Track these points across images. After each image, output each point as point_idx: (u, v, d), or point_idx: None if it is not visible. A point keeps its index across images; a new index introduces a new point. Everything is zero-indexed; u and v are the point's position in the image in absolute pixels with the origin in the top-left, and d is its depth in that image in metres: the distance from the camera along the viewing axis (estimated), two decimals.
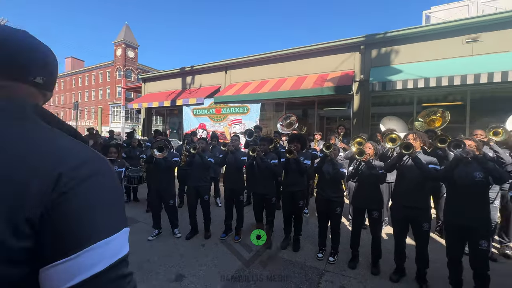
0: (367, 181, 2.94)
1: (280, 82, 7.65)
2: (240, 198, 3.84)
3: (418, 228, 2.65)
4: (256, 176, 3.63)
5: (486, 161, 2.26)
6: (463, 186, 2.34)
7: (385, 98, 6.99)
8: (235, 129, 7.56)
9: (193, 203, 3.92)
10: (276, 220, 3.86)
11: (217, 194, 5.60)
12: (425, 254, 2.64)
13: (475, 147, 2.38)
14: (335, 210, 3.15)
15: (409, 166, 2.70)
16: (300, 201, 3.46)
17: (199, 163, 3.82)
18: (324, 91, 6.39)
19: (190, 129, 8.26)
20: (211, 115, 8.12)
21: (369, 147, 3.03)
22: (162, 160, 3.68)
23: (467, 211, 2.30)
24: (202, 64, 9.55)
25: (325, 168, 3.17)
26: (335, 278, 2.83)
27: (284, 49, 7.83)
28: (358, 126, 6.74)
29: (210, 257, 3.29)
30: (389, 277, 2.79)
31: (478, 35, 5.61)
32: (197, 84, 9.73)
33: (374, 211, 2.92)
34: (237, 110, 7.65)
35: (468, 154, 2.24)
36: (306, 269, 3.01)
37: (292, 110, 8.25)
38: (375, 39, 6.54)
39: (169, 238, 3.85)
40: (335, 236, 3.21)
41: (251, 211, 4.60)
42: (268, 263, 3.14)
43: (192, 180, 3.92)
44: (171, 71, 10.47)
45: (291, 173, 3.42)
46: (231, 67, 9.02)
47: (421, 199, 2.66)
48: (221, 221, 4.10)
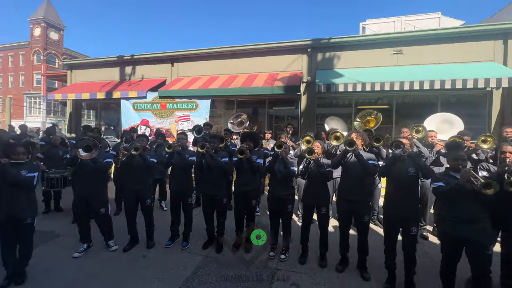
0: (316, 179, 3.03)
1: (231, 78, 7.47)
2: (188, 200, 3.54)
3: (360, 220, 2.85)
4: (206, 176, 3.39)
5: (419, 158, 2.55)
6: (399, 180, 2.61)
7: (328, 100, 7.53)
8: (182, 126, 7.07)
9: (133, 209, 3.44)
10: (227, 221, 3.69)
11: (162, 197, 5.11)
12: (366, 244, 2.86)
13: (409, 145, 2.67)
14: (286, 208, 3.16)
15: (352, 163, 2.88)
16: (253, 201, 3.38)
17: (139, 164, 3.37)
18: (274, 90, 6.49)
19: (131, 125, 7.38)
20: (155, 111, 7.40)
21: (318, 146, 3.13)
22: (90, 161, 3.10)
23: (403, 203, 2.56)
24: (145, 53, 8.64)
25: (276, 167, 3.15)
26: (286, 276, 2.83)
27: (235, 45, 7.68)
28: (306, 125, 7.09)
29: (153, 269, 2.92)
30: (335, 268, 2.94)
31: (402, 49, 6.52)
32: (139, 76, 8.76)
33: (322, 207, 3.04)
34: (185, 106, 7.16)
35: (405, 153, 2.49)
36: (258, 270, 2.94)
37: (243, 108, 8.18)
38: (320, 44, 6.96)
39: (102, 253, 3.29)
40: (286, 233, 3.23)
41: (200, 214, 4.32)
42: (219, 267, 2.96)
43: (131, 183, 3.43)
44: (105, 58, 9.18)
45: (244, 173, 3.30)
46: (179, 60, 8.41)
47: (363, 193, 2.88)
48: (167, 227, 3.72)
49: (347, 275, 2.85)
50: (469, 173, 2.12)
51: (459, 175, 2.21)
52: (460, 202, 2.21)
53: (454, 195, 2.20)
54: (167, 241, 3.52)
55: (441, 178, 2.35)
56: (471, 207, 2.17)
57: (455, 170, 2.32)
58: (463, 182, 2.13)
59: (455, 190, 2.18)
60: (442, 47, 6.30)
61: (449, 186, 2.24)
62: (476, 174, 2.13)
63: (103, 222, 3.36)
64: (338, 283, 2.71)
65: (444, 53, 6.28)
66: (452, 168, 2.37)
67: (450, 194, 2.23)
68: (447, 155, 2.52)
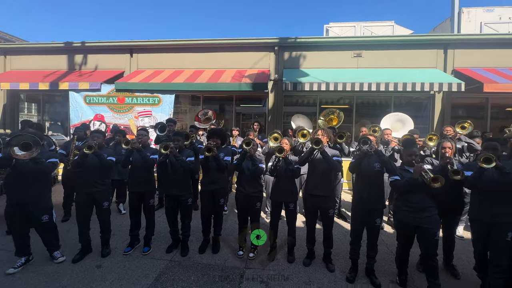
0: (284, 176, 3.05)
1: (197, 73, 7.17)
2: (150, 202, 3.27)
3: (326, 214, 2.95)
4: (170, 176, 3.17)
5: (383, 154, 2.72)
6: (366, 175, 2.75)
7: (294, 98, 7.71)
8: (143, 122, 6.57)
9: (86, 214, 3.07)
10: (192, 222, 3.51)
11: (121, 200, 4.67)
12: (331, 237, 2.98)
13: (375, 142, 2.84)
14: (255, 205, 3.13)
15: (318, 159, 2.96)
16: (221, 199, 3.27)
17: (94, 163, 3.00)
18: (242, 86, 6.41)
19: (82, 120, 6.61)
20: (111, 105, 6.73)
21: (286, 143, 3.15)
22: (30, 162, 2.66)
23: (370, 196, 2.71)
24: (99, 41, 7.80)
25: (245, 165, 3.09)
26: (255, 274, 2.80)
27: (202, 39, 7.37)
28: (273, 123, 7.16)
29: (109, 280, 2.64)
30: (302, 262, 3.00)
31: (361, 52, 6.97)
32: (91, 66, 7.89)
33: (290, 203, 3.07)
34: (146, 100, 6.66)
35: (372, 149, 2.64)
36: (226, 271, 2.86)
37: (209, 104, 7.93)
38: (287, 42, 7.07)
39: (45, 266, 2.86)
40: None
41: (163, 216, 4.06)
42: (185, 271, 2.81)
43: (84, 185, 3.05)
44: (50, 44, 8.06)
45: (211, 171, 3.17)
46: (139, 50, 7.78)
47: (328, 188, 2.98)
48: (125, 232, 3.41)
49: (314, 269, 2.93)
50: (421, 168, 2.35)
51: (413, 169, 2.42)
52: (413, 193, 2.42)
53: (409, 188, 2.41)
54: (125, 248, 3.22)
55: (398, 172, 2.56)
56: (422, 198, 2.41)
57: (409, 165, 2.55)
58: (416, 176, 2.35)
59: (409, 184, 2.39)
60: (395, 53, 6.90)
61: (404, 179, 2.44)
62: (427, 170, 2.35)
63: (46, 231, 2.92)
64: (305, 277, 2.77)
65: (397, 58, 6.89)
66: (407, 163, 2.59)
67: (405, 187, 2.43)
68: (403, 151, 2.74)
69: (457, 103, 7.06)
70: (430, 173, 2.33)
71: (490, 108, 6.98)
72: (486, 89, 5.48)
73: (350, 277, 2.72)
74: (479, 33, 7.84)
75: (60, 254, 2.99)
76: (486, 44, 6.56)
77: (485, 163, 2.21)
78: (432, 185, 2.25)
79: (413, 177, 2.37)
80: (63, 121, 8.45)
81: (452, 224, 2.91)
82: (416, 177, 2.35)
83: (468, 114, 7.34)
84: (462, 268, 2.92)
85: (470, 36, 6.87)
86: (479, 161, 2.25)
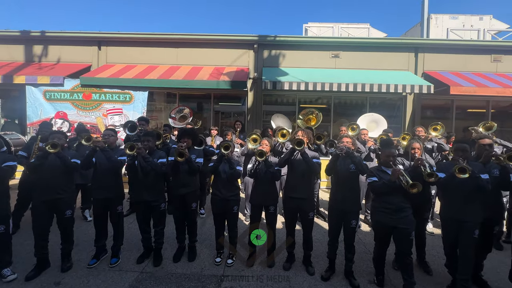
0: (264, 179, 2.95)
1: (172, 69, 6.82)
2: (118, 209, 2.99)
3: (305, 217, 2.90)
4: (140, 180, 2.92)
5: (354, 156, 2.70)
6: (342, 176, 2.73)
7: (274, 97, 7.66)
8: (113, 120, 6.11)
9: (44, 224, 2.72)
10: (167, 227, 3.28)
11: (86, 205, 4.28)
12: (310, 239, 2.93)
13: (351, 143, 2.82)
14: (232, 209, 3.00)
15: (298, 161, 2.90)
16: (193, 204, 3.08)
17: (56, 166, 2.66)
18: (220, 84, 6.20)
19: (41, 118, 5.99)
20: (76, 101, 6.16)
21: (266, 144, 3.05)
22: None
23: (345, 198, 2.70)
24: (62, 31, 7.11)
25: (221, 168, 2.94)
26: (234, 282, 2.67)
27: (178, 33, 7.02)
28: (252, 122, 7.05)
29: None
30: (282, 266, 2.93)
31: (339, 53, 7.08)
32: (53, 58, 7.17)
33: (270, 206, 2.97)
34: (116, 97, 6.19)
35: (342, 151, 2.61)
36: (203, 280, 2.70)
37: (186, 102, 7.61)
38: (266, 41, 6.97)
39: None
40: (232, 235, 3.06)
41: (133, 223, 3.78)
42: (158, 282, 2.60)
43: (43, 192, 2.69)
44: (3, 32, 7.19)
45: (181, 173, 2.96)
46: (108, 43, 7.22)
47: (308, 190, 2.93)
48: (91, 242, 3.09)
49: (294, 272, 2.86)
50: (398, 172, 2.37)
51: (391, 171, 2.44)
52: (390, 195, 2.45)
53: (386, 190, 2.43)
54: (90, 260, 2.92)
55: (375, 173, 2.57)
56: (399, 199, 2.44)
57: (386, 166, 2.56)
58: (394, 179, 2.38)
59: (387, 186, 2.41)
60: (371, 55, 7.11)
61: (382, 181, 2.46)
62: (404, 173, 2.37)
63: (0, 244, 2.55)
64: (284, 282, 2.70)
65: (372, 60, 7.11)
66: (384, 164, 2.60)
67: (382, 189, 2.45)
68: (381, 152, 2.76)
69: (426, 104, 7.47)
70: (407, 176, 2.36)
71: (455, 109, 7.48)
72: (452, 91, 5.84)
73: (325, 276, 2.73)
74: (446, 38, 8.36)
75: (10, 271, 2.61)
76: (452, 49, 7.00)
77: (460, 173, 2.26)
78: (410, 191, 2.29)
79: (391, 180, 2.39)
80: (19, 118, 7.62)
81: (422, 221, 3.01)
82: (394, 180, 2.37)
83: (435, 115, 7.80)
84: (433, 264, 3.04)
85: (438, 41, 7.29)
86: (454, 171, 2.29)
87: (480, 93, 5.99)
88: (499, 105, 7.57)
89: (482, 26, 8.45)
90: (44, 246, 2.74)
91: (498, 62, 7.01)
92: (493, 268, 2.98)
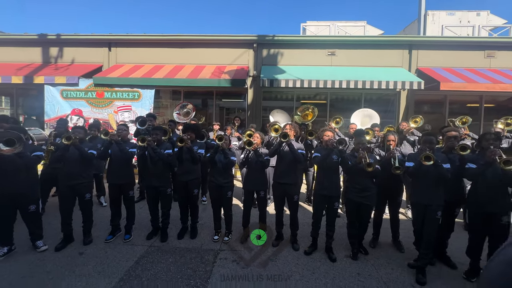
0: (255, 167, 3.37)
1: (177, 69, 7.27)
2: (129, 194, 3.48)
3: (291, 199, 3.32)
4: (150, 168, 3.39)
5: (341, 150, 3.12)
6: (328, 166, 3.10)
7: (273, 94, 8.02)
8: (123, 116, 6.62)
9: (68, 205, 3.24)
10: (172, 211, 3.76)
11: (101, 192, 4.81)
12: (296, 219, 3.35)
13: (332, 136, 3.21)
14: (226, 194, 3.43)
15: (286, 152, 3.31)
16: (194, 190, 3.53)
17: (75, 157, 3.16)
18: (221, 82, 6.61)
19: (58, 115, 6.55)
20: (90, 99, 6.70)
21: (257, 137, 3.46)
22: (16, 156, 2.78)
23: (330, 184, 3.11)
24: (75, 34, 7.63)
25: (217, 158, 3.37)
26: (228, 255, 3.12)
27: (182, 34, 7.44)
28: (252, 117, 7.45)
29: (92, 265, 2.85)
30: (271, 244, 3.36)
31: (335, 51, 7.37)
32: (68, 59, 7.72)
33: (261, 191, 3.41)
34: (125, 95, 6.69)
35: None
36: (202, 253, 3.16)
37: (190, 99, 8.06)
38: (265, 40, 7.32)
39: (28, 255, 3.02)
40: (227, 217, 3.51)
41: (143, 208, 4.31)
42: (164, 254, 3.08)
43: (66, 179, 3.20)
44: (22, 36, 7.77)
45: (185, 162, 3.42)
46: (118, 44, 7.71)
47: (293, 177, 3.34)
48: (106, 223, 3.60)
49: (280, 248, 3.30)
50: (362, 154, 2.86)
51: (357, 155, 2.96)
52: (357, 176, 2.98)
53: (353, 170, 2.97)
54: (107, 236, 3.43)
55: (348, 158, 3.05)
56: (364, 180, 2.97)
57: (357, 151, 3.03)
58: (359, 161, 2.88)
59: (353, 166, 2.95)
60: (366, 52, 7.36)
61: (350, 163, 2.98)
62: (366, 156, 2.86)
63: (32, 220, 3.08)
64: (272, 255, 3.13)
65: (367, 57, 7.36)
66: (355, 150, 3.08)
67: (351, 169, 3.01)
68: (354, 140, 3.21)
69: (420, 99, 7.70)
70: (368, 159, 2.83)
71: (448, 105, 7.68)
72: (442, 87, 6.08)
73: (308, 251, 3.18)
74: (441, 35, 8.49)
75: (42, 243, 3.15)
76: (446, 46, 7.19)
77: (426, 161, 2.62)
78: (367, 169, 2.78)
79: (357, 162, 2.90)
80: (38, 115, 8.24)
81: (394, 205, 3.39)
82: (359, 161, 2.87)
83: (430, 110, 8.03)
84: (407, 244, 3.41)
85: (431, 38, 7.48)
86: (420, 158, 2.65)
87: (470, 89, 6.20)
88: (496, 100, 7.73)
89: (479, 22, 8.53)
90: (69, 223, 3.26)
91: (492, 58, 7.16)
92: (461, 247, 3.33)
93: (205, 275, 2.70)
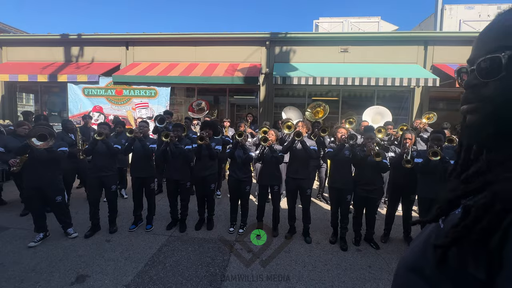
0: (269, 162, 3.51)
1: (192, 66, 7.46)
2: (151, 186, 3.70)
3: (303, 193, 3.45)
4: (170, 163, 3.60)
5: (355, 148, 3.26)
6: (340, 161, 3.31)
7: (285, 91, 8.09)
8: (140, 113, 6.89)
9: (96, 195, 3.51)
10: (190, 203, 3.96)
11: (122, 185, 5.09)
12: (308, 212, 3.49)
13: (346, 133, 3.33)
14: (244, 189, 3.59)
15: (298, 148, 3.43)
16: (211, 184, 3.71)
17: (103, 151, 3.41)
18: (234, 80, 6.74)
19: (81, 111, 6.90)
20: (110, 97, 7.01)
21: (272, 134, 3.59)
22: (45, 151, 3.05)
23: (340, 178, 3.29)
24: (95, 34, 7.95)
25: (237, 153, 3.53)
26: (244, 246, 3.30)
27: (196, 33, 7.61)
28: (264, 114, 7.56)
29: (119, 251, 3.10)
30: (284, 236, 3.51)
31: (348, 47, 7.34)
32: (88, 58, 8.07)
33: (275, 186, 3.55)
34: (143, 92, 6.95)
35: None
36: (219, 243, 3.35)
37: (204, 96, 8.26)
38: (278, 37, 7.37)
39: (61, 241, 3.30)
40: (244, 210, 3.68)
41: (162, 200, 4.55)
42: (184, 243, 3.28)
43: (94, 170, 3.47)
44: (46, 36, 8.17)
45: (203, 158, 3.60)
46: (134, 43, 7.98)
47: (306, 172, 3.48)
48: (128, 213, 3.85)
49: (293, 241, 3.44)
50: (371, 147, 3.05)
51: (366, 148, 3.12)
52: (365, 170, 3.17)
53: (362, 163, 3.15)
54: (130, 226, 3.68)
55: (358, 151, 3.23)
56: (371, 174, 3.15)
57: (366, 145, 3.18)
58: (368, 153, 3.05)
59: (362, 159, 3.12)
60: (379, 49, 7.29)
61: (360, 156, 3.15)
62: (374, 148, 3.05)
63: (60, 210, 3.35)
64: (286, 247, 3.28)
65: (381, 53, 7.29)
66: (365, 144, 3.22)
67: (359, 162, 3.18)
68: (363, 135, 3.34)
69: (436, 96, 7.56)
70: (376, 150, 3.02)
71: None
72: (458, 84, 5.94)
73: (332, 240, 3.41)
74: (458, 30, 8.24)
75: (73, 230, 3.43)
76: (462, 42, 6.99)
77: (433, 156, 2.72)
78: (375, 159, 2.97)
79: (366, 154, 3.06)
80: (60, 111, 8.69)
81: (408, 203, 3.45)
82: (368, 154, 3.04)
83: (446, 107, 7.86)
84: None
85: (448, 34, 7.28)
86: (428, 154, 2.75)
87: None
88: None
89: None
90: (96, 212, 3.53)
91: None
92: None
93: (223, 263, 2.88)
